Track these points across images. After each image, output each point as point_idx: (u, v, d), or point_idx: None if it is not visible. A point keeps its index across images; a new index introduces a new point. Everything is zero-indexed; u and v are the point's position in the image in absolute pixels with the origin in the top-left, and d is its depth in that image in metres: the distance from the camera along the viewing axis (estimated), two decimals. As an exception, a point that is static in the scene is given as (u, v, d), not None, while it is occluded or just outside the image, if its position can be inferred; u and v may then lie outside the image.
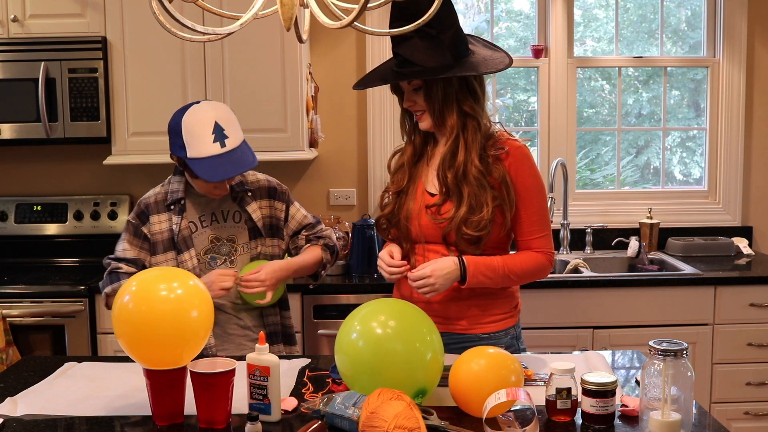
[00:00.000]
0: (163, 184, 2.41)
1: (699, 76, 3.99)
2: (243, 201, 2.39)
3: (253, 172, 2.46)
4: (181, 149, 2.23)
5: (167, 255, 2.34)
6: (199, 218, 2.37)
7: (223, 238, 2.38)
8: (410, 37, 2.06)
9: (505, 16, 4.01)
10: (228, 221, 2.38)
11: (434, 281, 2.05)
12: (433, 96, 2.11)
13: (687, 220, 3.90)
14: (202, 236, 2.36)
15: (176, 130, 2.24)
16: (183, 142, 2.22)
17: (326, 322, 3.22)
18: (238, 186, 2.38)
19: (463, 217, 2.08)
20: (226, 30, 1.48)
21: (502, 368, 1.70)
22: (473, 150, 2.10)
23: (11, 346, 3.11)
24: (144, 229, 2.34)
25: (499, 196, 2.10)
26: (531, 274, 2.17)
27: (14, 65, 3.35)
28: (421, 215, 2.17)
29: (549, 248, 2.17)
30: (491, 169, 2.10)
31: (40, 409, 1.81)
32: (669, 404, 1.56)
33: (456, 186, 2.10)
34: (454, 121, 2.12)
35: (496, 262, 2.11)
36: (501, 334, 2.20)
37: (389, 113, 3.74)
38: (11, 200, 3.72)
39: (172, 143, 2.29)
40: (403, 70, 2.11)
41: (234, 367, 1.69)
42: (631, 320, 3.25)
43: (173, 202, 2.34)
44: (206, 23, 3.06)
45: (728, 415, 3.29)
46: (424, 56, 2.07)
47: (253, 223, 2.39)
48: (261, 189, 2.44)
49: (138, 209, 2.37)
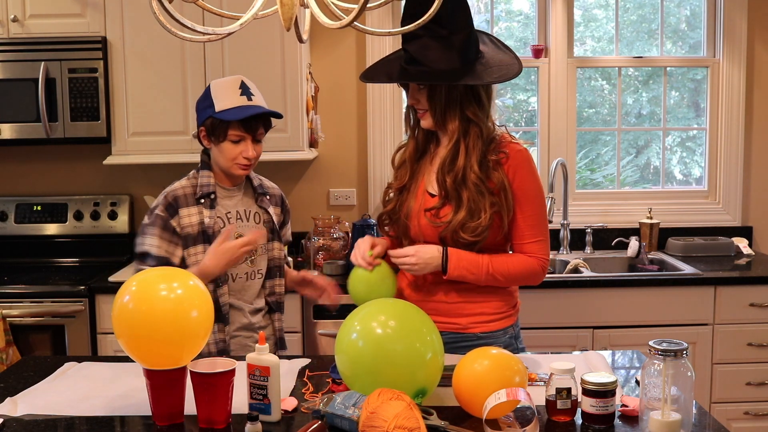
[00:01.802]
0: (188, 177, 2.38)
1: (699, 76, 3.99)
2: (263, 203, 2.42)
3: (266, 179, 2.52)
4: (209, 108, 2.28)
5: (197, 248, 2.30)
6: (226, 214, 2.37)
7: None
8: (421, 35, 2.05)
9: (505, 16, 4.01)
10: (250, 221, 2.39)
11: (415, 261, 2.10)
12: (436, 98, 2.10)
13: (687, 220, 3.90)
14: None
15: (205, 94, 2.31)
16: (211, 100, 2.28)
17: (326, 322, 3.22)
18: (260, 188, 2.43)
19: (460, 222, 2.07)
20: (226, 30, 1.48)
21: (505, 369, 1.70)
22: (473, 155, 2.09)
23: (11, 346, 3.11)
24: (173, 222, 2.30)
25: (498, 202, 2.09)
26: (519, 278, 2.14)
27: (14, 65, 3.35)
28: (420, 215, 2.17)
29: (543, 254, 2.14)
30: (491, 174, 2.09)
31: (40, 409, 1.81)
32: (669, 404, 1.56)
33: (455, 190, 2.10)
34: (456, 126, 2.11)
35: (481, 261, 2.10)
36: (499, 333, 2.19)
37: (389, 113, 3.74)
38: (11, 200, 3.72)
39: (200, 112, 2.32)
40: (410, 68, 2.09)
41: (234, 367, 1.69)
42: (631, 320, 3.25)
43: (204, 195, 2.33)
44: (206, 23, 3.06)
45: (728, 415, 3.29)
46: (433, 57, 2.06)
47: (272, 224, 2.42)
48: (275, 196, 2.50)
49: (166, 201, 2.31)
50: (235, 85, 2.29)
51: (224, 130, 2.27)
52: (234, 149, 2.29)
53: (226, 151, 2.30)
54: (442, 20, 2.03)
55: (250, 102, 2.29)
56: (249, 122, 2.28)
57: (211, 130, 2.30)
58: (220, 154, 2.32)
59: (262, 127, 2.33)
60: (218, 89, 2.30)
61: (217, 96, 2.29)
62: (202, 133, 2.33)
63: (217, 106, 2.27)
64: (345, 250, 3.52)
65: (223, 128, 2.27)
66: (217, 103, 2.27)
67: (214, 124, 2.28)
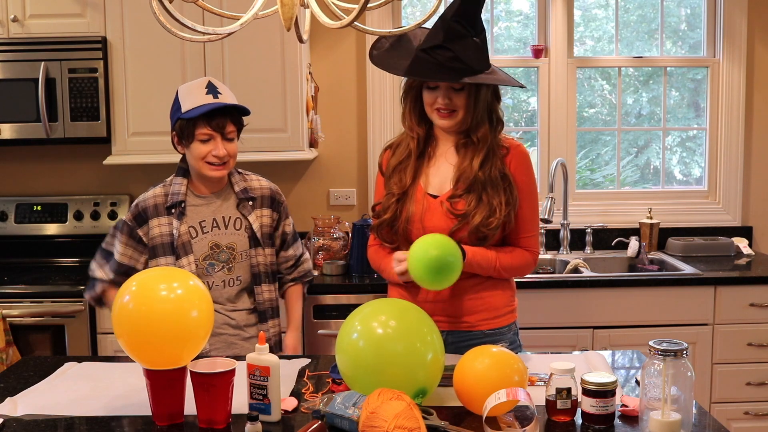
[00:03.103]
0: (164, 184, 2.39)
1: (699, 76, 3.99)
2: (245, 208, 2.38)
3: (257, 177, 2.46)
4: (177, 111, 2.28)
5: (167, 259, 2.32)
6: (200, 223, 2.35)
7: (223, 245, 2.35)
8: (465, 35, 2.04)
9: (504, 15, 4.01)
10: (229, 228, 2.36)
11: None
12: (479, 101, 2.11)
13: (687, 220, 3.90)
14: (201, 242, 2.34)
15: (174, 99, 2.31)
16: (179, 103, 2.28)
17: (326, 322, 3.22)
18: (242, 192, 2.38)
19: (482, 218, 2.08)
20: (226, 30, 1.48)
21: (506, 367, 1.70)
22: (498, 155, 2.13)
23: (11, 346, 3.11)
24: (140, 231, 2.34)
25: (510, 197, 2.12)
26: (517, 270, 2.21)
27: (14, 65, 3.35)
28: (424, 218, 2.15)
29: (537, 248, 2.23)
30: (504, 172, 2.13)
31: (40, 409, 1.81)
32: (669, 404, 1.56)
33: (480, 188, 2.10)
34: (486, 129, 2.13)
35: (491, 255, 2.13)
36: (505, 330, 2.21)
37: (389, 113, 3.74)
38: (11, 200, 3.72)
39: (171, 118, 2.32)
40: (454, 65, 2.05)
41: (234, 367, 1.69)
42: (631, 320, 3.25)
43: (174, 204, 2.32)
44: (206, 23, 3.06)
45: (728, 415, 3.29)
46: (473, 56, 2.06)
47: (253, 231, 2.38)
48: (264, 197, 2.43)
49: (135, 210, 2.35)
50: (201, 85, 2.29)
51: (192, 130, 2.26)
52: (203, 148, 2.27)
53: (195, 151, 2.28)
54: (476, 21, 2.05)
55: (216, 100, 2.26)
56: (216, 120, 2.26)
57: (180, 132, 2.29)
58: (191, 156, 2.31)
59: (231, 125, 2.30)
60: (185, 92, 2.29)
61: (184, 98, 2.28)
62: (174, 138, 2.32)
63: (183, 107, 2.26)
64: (345, 250, 3.52)
65: (190, 129, 2.26)
66: (183, 104, 2.27)
67: (182, 125, 2.27)
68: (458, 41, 2.04)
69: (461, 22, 2.02)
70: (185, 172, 2.37)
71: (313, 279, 2.63)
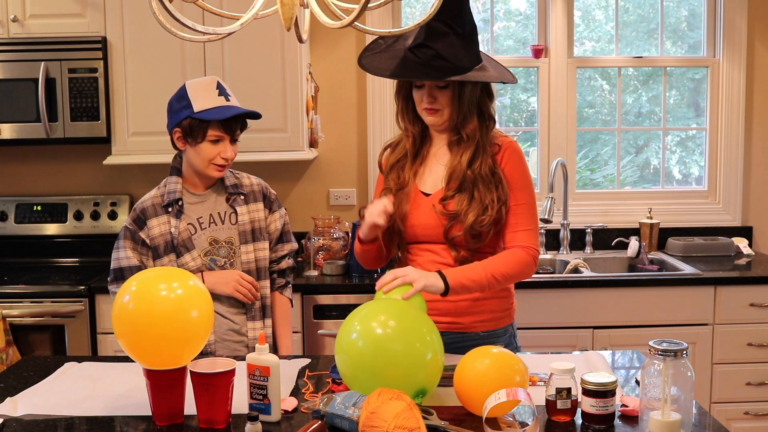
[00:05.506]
0: (159, 186, 2.41)
1: (699, 75, 3.99)
2: (235, 203, 2.39)
3: (247, 175, 2.48)
4: (186, 108, 2.27)
5: (170, 257, 2.34)
6: (198, 220, 2.36)
7: (221, 240, 2.37)
8: (447, 33, 2.04)
9: (503, 15, 4.01)
10: (225, 223, 2.38)
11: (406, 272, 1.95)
12: (464, 98, 2.10)
13: (687, 220, 3.90)
14: (201, 238, 2.36)
15: (180, 93, 2.31)
16: (188, 100, 2.28)
17: (326, 322, 3.21)
18: (233, 188, 2.40)
19: (475, 216, 2.07)
20: (226, 30, 1.48)
21: (506, 367, 1.70)
22: (488, 152, 2.12)
23: (11, 346, 3.11)
24: (142, 234, 2.35)
25: (501, 194, 2.11)
26: (517, 273, 2.10)
27: (14, 65, 3.35)
28: (419, 216, 2.16)
29: (533, 244, 2.13)
30: (495, 169, 2.12)
31: (40, 409, 1.81)
32: (669, 404, 1.56)
33: (470, 186, 2.10)
34: (475, 126, 2.12)
35: (475, 266, 2.05)
36: (500, 332, 2.21)
37: (389, 113, 3.74)
38: (11, 200, 3.72)
39: (175, 112, 2.31)
40: (437, 64, 2.06)
41: (234, 367, 1.69)
42: (631, 320, 3.25)
43: (171, 203, 2.34)
44: (206, 23, 3.06)
45: (728, 415, 3.29)
46: (459, 54, 2.06)
47: (247, 225, 2.39)
48: (255, 193, 2.44)
49: (134, 214, 2.37)
50: (212, 85, 2.30)
51: (203, 130, 2.27)
52: (212, 150, 2.29)
53: (204, 151, 2.30)
54: (461, 18, 2.04)
55: (228, 102, 2.30)
56: (229, 122, 2.29)
57: (188, 130, 2.29)
58: (197, 155, 2.31)
59: (239, 128, 2.35)
60: (195, 90, 2.30)
61: (195, 96, 2.28)
62: (178, 134, 2.32)
63: (196, 107, 2.27)
64: (345, 250, 3.52)
65: (202, 129, 2.27)
66: (195, 103, 2.27)
67: (193, 124, 2.28)
68: (440, 39, 2.05)
69: (443, 20, 2.02)
70: (179, 171, 2.39)
71: (291, 280, 2.56)
